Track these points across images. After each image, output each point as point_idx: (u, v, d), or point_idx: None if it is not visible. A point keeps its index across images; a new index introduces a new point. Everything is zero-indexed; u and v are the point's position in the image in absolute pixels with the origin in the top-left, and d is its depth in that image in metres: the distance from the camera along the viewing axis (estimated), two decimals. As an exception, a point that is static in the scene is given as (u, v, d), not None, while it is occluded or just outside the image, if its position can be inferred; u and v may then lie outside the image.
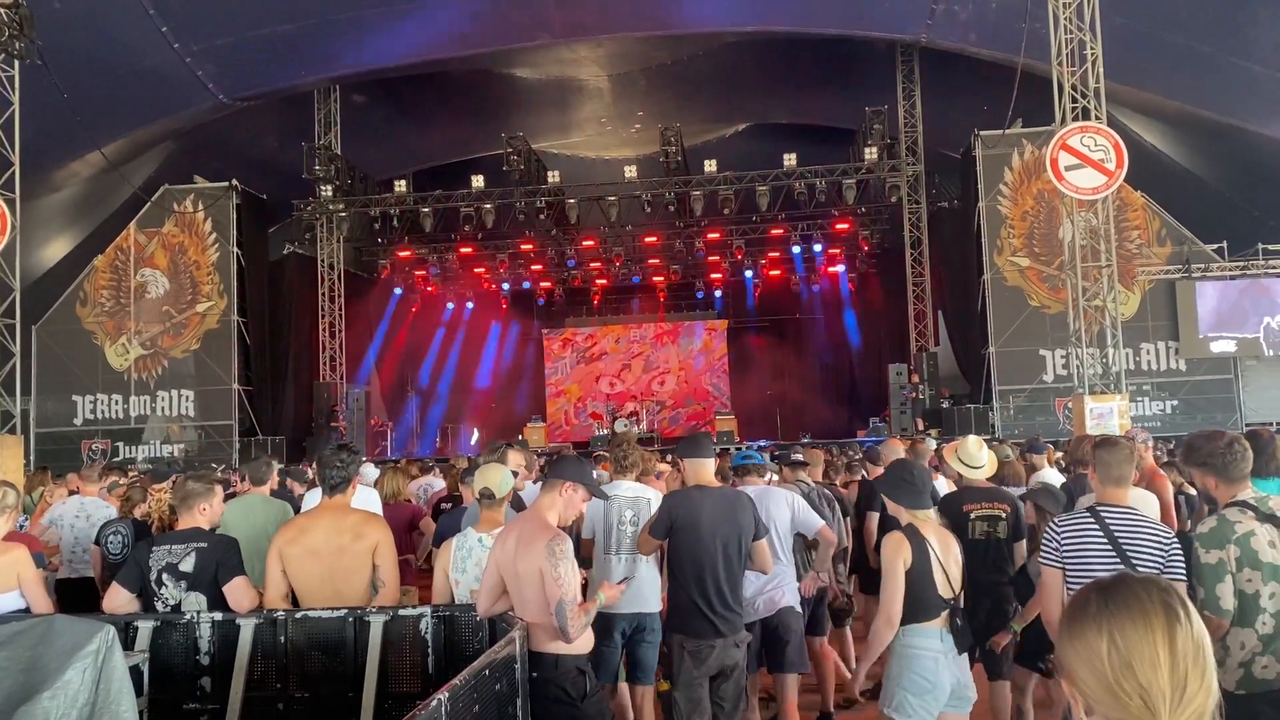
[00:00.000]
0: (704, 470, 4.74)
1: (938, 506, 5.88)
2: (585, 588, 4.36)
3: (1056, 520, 3.90)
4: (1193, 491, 7.91)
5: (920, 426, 20.04)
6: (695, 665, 4.46)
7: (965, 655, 4.01)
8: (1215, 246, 18.70)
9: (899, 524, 4.14)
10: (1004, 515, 5.49)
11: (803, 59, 20.74)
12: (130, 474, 11.38)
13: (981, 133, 19.25)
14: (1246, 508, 3.43)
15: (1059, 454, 9.47)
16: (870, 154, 20.83)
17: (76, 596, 6.86)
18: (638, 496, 5.16)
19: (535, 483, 6.27)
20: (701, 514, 4.51)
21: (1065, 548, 3.72)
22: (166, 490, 7.26)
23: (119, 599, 4.22)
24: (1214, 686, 1.38)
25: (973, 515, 5.48)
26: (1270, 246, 18.30)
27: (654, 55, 21.27)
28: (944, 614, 3.94)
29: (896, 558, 3.92)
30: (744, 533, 4.57)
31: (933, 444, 7.68)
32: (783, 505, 5.38)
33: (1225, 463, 3.54)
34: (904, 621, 3.92)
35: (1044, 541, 3.83)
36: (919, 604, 3.91)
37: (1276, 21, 14.74)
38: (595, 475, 4.64)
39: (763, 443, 19.34)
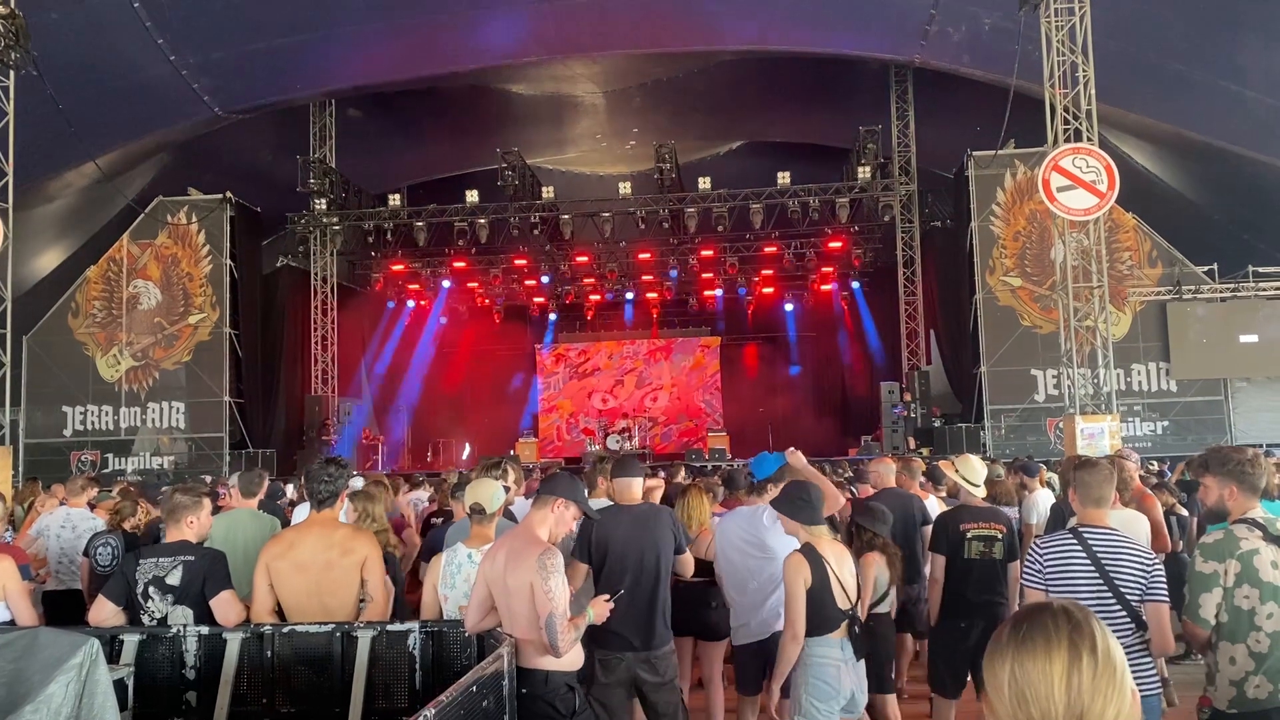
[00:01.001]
0: (630, 489, 4.89)
1: (933, 525, 5.91)
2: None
3: (1039, 542, 3.93)
4: (1184, 512, 7.95)
5: (912, 445, 20.05)
6: (605, 674, 4.55)
7: (862, 663, 4.36)
8: (1206, 268, 18.78)
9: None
10: (1000, 536, 5.48)
11: (797, 78, 20.85)
12: (121, 485, 11.32)
13: (974, 153, 19.34)
14: (1255, 526, 3.45)
15: (1050, 474, 9.48)
16: (864, 173, 20.92)
17: (63, 608, 6.82)
18: None
19: (526, 498, 6.26)
20: (616, 532, 4.63)
21: (1049, 569, 3.75)
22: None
23: (105, 612, 4.19)
24: (1127, 716, 1.42)
25: (969, 535, 5.47)
26: (1260, 269, 18.39)
27: (649, 72, 21.35)
28: (844, 624, 4.28)
29: (797, 578, 4.21)
30: (661, 547, 4.69)
31: (921, 463, 7.67)
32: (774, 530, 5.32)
33: (1248, 472, 3.57)
34: (808, 634, 4.23)
35: (1026, 563, 3.87)
36: (821, 617, 4.22)
37: (1266, 48, 14.86)
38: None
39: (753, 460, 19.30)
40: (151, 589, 4.21)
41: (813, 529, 4.38)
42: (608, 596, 3.96)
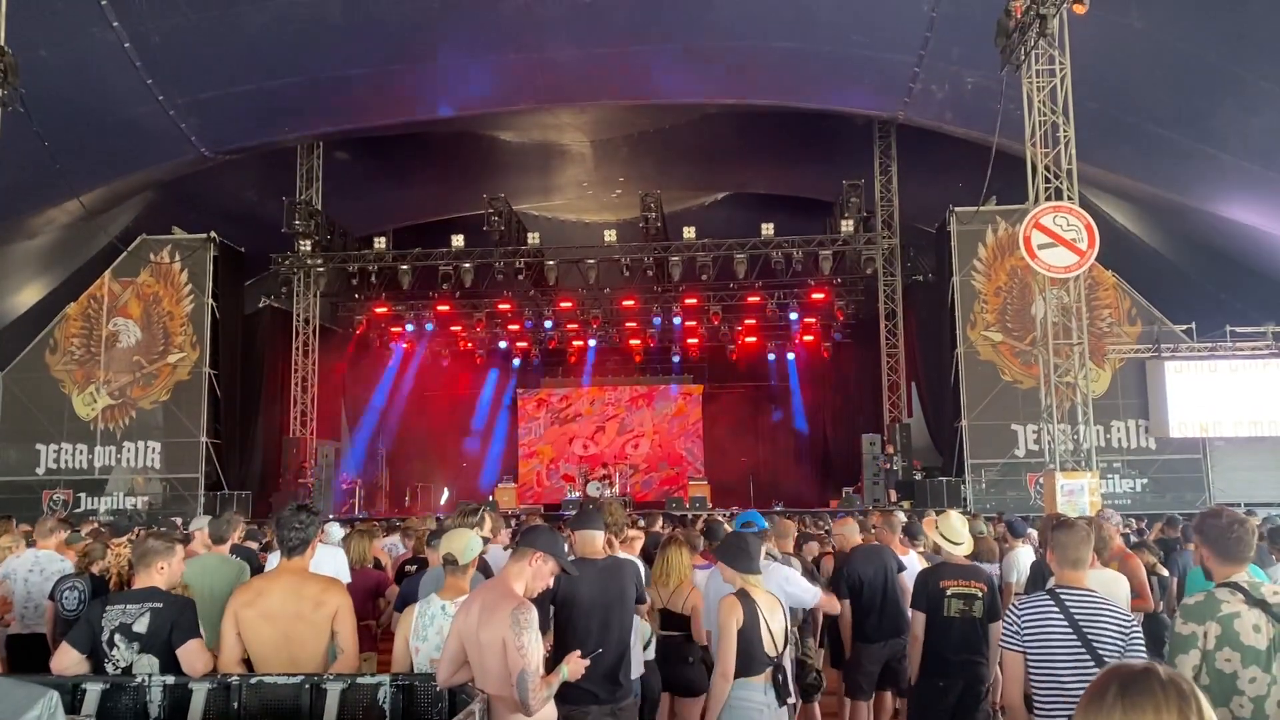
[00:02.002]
0: (591, 542, 4.92)
1: (914, 582, 5.86)
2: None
3: (1017, 602, 3.92)
4: (1164, 572, 7.93)
5: (893, 498, 20.00)
6: None
7: (785, 708, 4.47)
8: (1184, 327, 18.96)
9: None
10: (980, 594, 5.44)
11: (782, 132, 21.06)
12: (91, 525, 11.13)
13: (956, 209, 19.54)
14: (1238, 590, 3.43)
15: (1031, 530, 9.44)
16: (847, 226, 21.09)
17: (28, 653, 6.66)
18: None
19: (505, 549, 6.19)
20: (581, 586, 4.63)
21: (1026, 631, 3.72)
22: (126, 545, 7.11)
23: (67, 660, 4.08)
24: None
25: (949, 592, 5.42)
26: (1238, 329, 18.56)
27: (636, 123, 21.56)
28: (768, 670, 4.41)
29: (730, 618, 4.36)
30: (625, 600, 4.75)
31: (902, 517, 7.66)
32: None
33: (1226, 540, 3.56)
34: (735, 676, 4.35)
35: (1004, 623, 3.86)
36: (748, 660, 4.35)
37: (1241, 112, 15.14)
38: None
39: (734, 510, 19.23)
40: (117, 636, 4.12)
41: (749, 578, 4.52)
42: (581, 653, 3.89)
